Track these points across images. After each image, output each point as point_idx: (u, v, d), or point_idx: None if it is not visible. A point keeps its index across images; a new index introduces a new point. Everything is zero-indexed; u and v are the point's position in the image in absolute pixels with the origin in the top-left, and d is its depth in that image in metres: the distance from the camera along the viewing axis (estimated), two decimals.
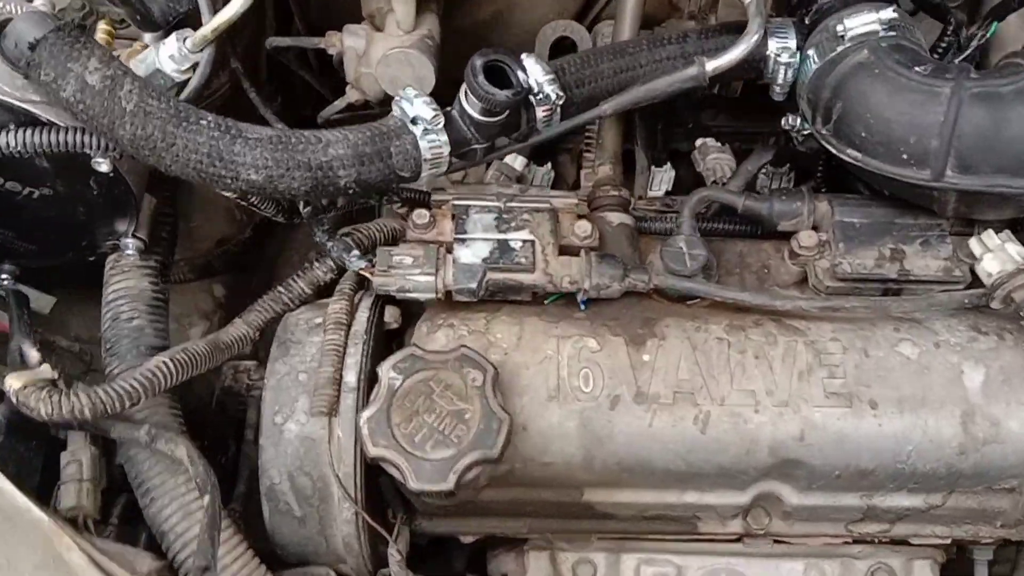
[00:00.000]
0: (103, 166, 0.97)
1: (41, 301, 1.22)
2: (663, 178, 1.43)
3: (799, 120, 1.17)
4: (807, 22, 1.14)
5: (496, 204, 1.13)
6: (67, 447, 1.10)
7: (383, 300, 1.15)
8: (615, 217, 1.19)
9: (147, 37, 1.07)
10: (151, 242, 1.16)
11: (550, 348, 1.09)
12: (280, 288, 1.21)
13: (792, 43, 1.13)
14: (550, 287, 1.10)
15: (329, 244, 1.12)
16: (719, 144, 1.35)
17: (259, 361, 1.43)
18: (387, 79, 1.17)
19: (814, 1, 1.15)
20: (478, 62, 0.97)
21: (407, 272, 1.09)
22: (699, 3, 1.39)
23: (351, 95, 1.23)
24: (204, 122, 0.90)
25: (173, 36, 0.95)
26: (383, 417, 0.98)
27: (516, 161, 1.38)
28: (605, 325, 1.10)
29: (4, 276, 1.18)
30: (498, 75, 0.99)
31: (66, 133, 0.92)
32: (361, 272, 1.11)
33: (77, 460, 1.07)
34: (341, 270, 1.21)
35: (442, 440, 0.98)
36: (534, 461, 1.06)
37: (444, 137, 0.98)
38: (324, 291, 1.23)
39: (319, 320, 1.18)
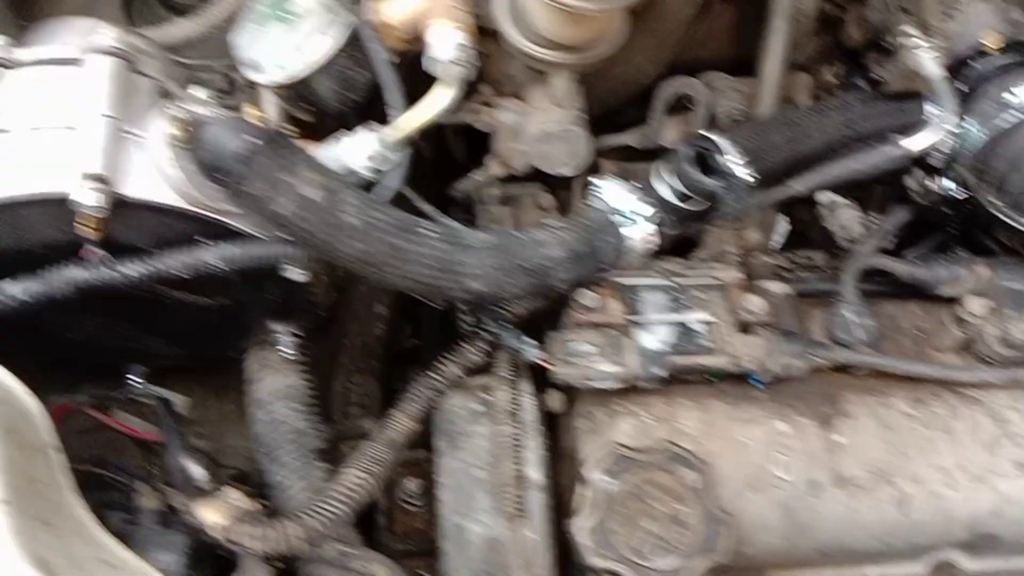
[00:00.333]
0: (298, 276, 0.90)
1: (178, 402, 1.12)
2: (778, 231, 1.41)
3: (953, 185, 1.16)
4: (966, 89, 1.14)
5: (665, 282, 1.10)
6: (238, 570, 1.02)
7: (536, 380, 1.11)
8: (775, 287, 1.16)
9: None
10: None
11: (741, 434, 1.05)
12: (432, 374, 1.14)
13: (954, 112, 1.12)
14: (733, 368, 1.06)
15: (502, 332, 1.06)
16: (847, 200, 1.33)
17: None
18: (541, 156, 1.12)
19: (966, 66, 1.15)
20: (690, 151, 0.93)
21: (590, 362, 1.04)
22: (806, 53, 1.37)
23: (494, 168, 1.16)
24: (428, 233, 0.83)
25: (368, 133, 0.88)
26: (602, 525, 0.94)
27: None
28: (790, 405, 1.08)
29: (138, 381, 1.08)
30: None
31: (269, 247, 0.85)
32: (538, 362, 1.06)
33: None
34: (490, 351, 1.17)
35: (666, 547, 0.93)
36: (735, 553, 1.03)
37: (650, 227, 0.94)
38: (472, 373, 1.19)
39: (478, 407, 1.12)
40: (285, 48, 0.92)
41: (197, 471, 0.99)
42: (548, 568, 1.02)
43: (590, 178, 0.95)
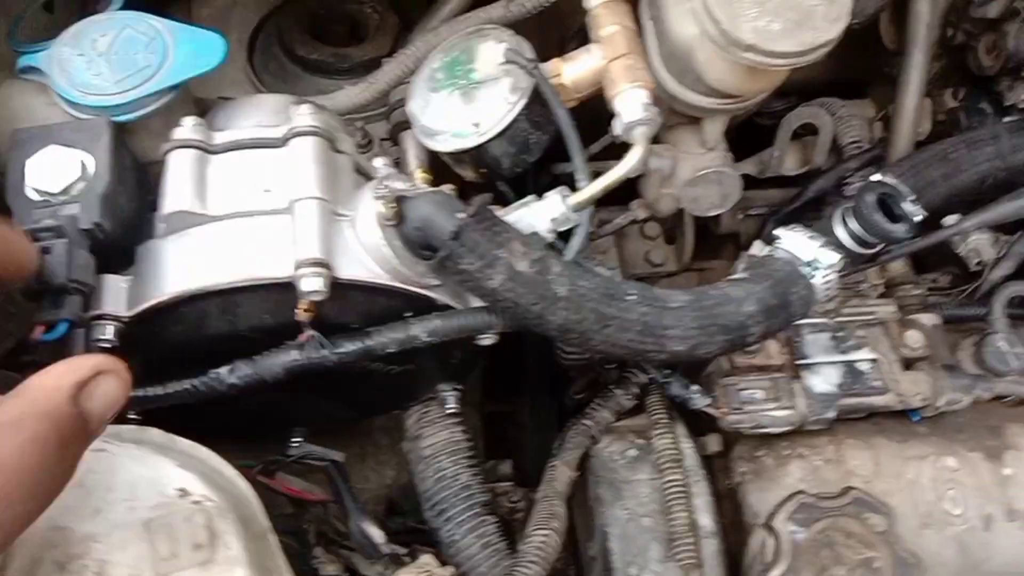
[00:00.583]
0: (488, 342, 0.90)
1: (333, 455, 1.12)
2: None
3: None
4: None
5: (826, 322, 1.10)
6: None
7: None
8: (927, 319, 1.15)
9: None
10: None
11: (910, 472, 1.06)
12: (585, 420, 1.15)
13: None
14: (900, 406, 1.06)
15: (669, 380, 1.06)
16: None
17: (513, 482, 1.39)
18: (690, 198, 1.12)
19: None
20: (871, 198, 0.93)
21: (760, 408, 1.04)
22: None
23: (638, 212, 1.17)
24: (631, 297, 0.83)
25: (556, 196, 0.88)
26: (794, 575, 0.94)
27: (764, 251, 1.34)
28: (956, 440, 1.08)
29: (297, 440, 1.08)
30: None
31: (473, 318, 0.84)
32: (707, 410, 1.06)
33: None
34: (640, 393, 1.17)
35: None
36: None
37: (832, 275, 0.94)
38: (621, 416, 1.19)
39: (632, 452, 1.13)
40: (463, 117, 0.92)
41: (376, 533, 0.99)
42: None
43: (774, 231, 0.94)
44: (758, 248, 1.32)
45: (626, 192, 1.22)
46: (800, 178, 1.38)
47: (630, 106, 0.88)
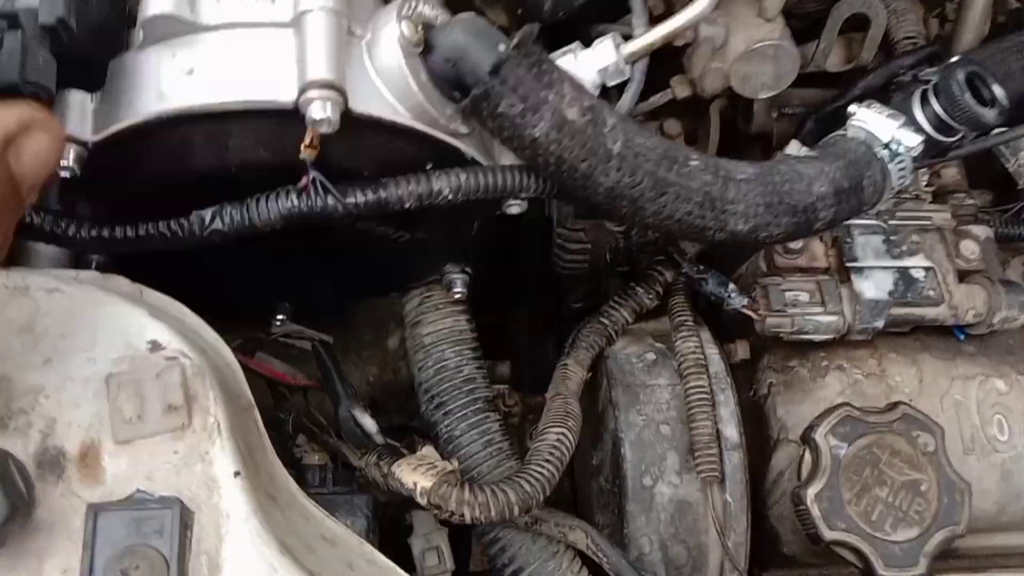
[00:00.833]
0: (514, 208, 0.77)
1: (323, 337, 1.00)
2: None
3: None
4: None
5: (877, 223, 0.99)
6: (415, 531, 0.92)
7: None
8: (980, 231, 1.05)
9: None
10: None
11: (956, 393, 0.97)
12: (602, 319, 1.04)
13: None
14: (951, 320, 0.97)
15: (702, 276, 0.95)
16: None
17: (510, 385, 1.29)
18: (741, 75, 0.99)
19: None
20: (961, 75, 0.81)
21: (804, 311, 0.94)
22: None
23: (679, 90, 1.03)
24: (694, 164, 0.71)
25: (608, 42, 0.75)
26: (834, 494, 0.85)
27: (801, 151, 1.23)
28: (1005, 362, 0.99)
29: (280, 317, 0.96)
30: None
31: (507, 176, 0.72)
32: (743, 311, 0.95)
33: (434, 547, 0.91)
34: (663, 293, 1.06)
35: (902, 518, 0.85)
36: None
37: (910, 163, 0.82)
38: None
39: (651, 355, 1.03)
40: None
41: (369, 422, 0.88)
42: (745, 533, 0.94)
43: (851, 107, 0.82)
44: (795, 149, 1.21)
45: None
46: (842, 76, 1.26)
47: None
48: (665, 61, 0.97)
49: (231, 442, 0.60)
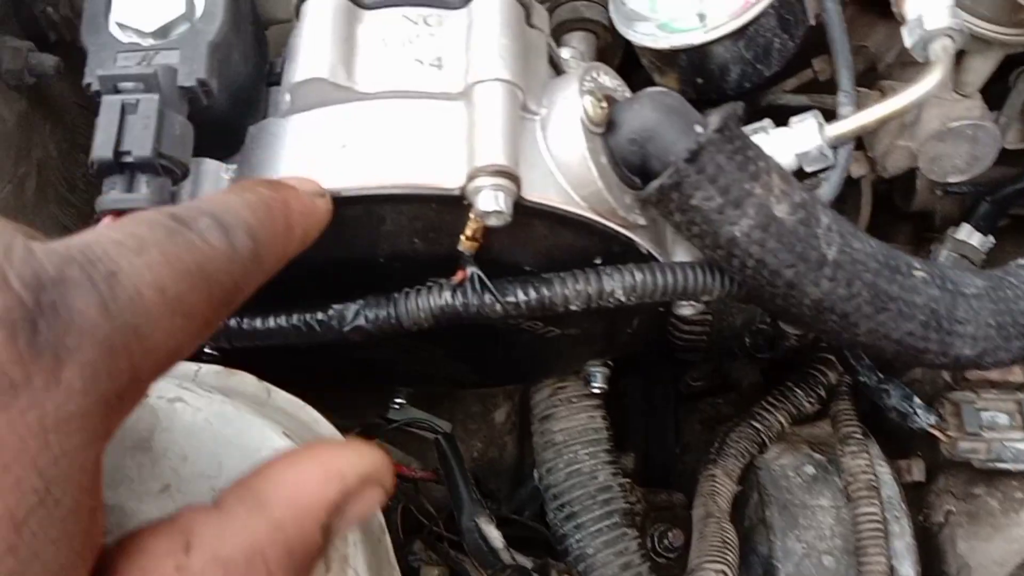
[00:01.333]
0: (686, 309, 0.67)
1: (440, 424, 0.91)
2: None
3: None
4: None
5: None
6: None
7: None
8: None
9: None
10: None
11: None
12: (754, 423, 0.92)
13: None
14: None
15: (884, 387, 0.83)
16: None
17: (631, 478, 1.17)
18: (931, 156, 0.87)
19: None
20: None
21: (1003, 436, 0.81)
22: None
23: (855, 169, 0.92)
24: (919, 274, 0.59)
25: (810, 122, 0.64)
26: None
27: (973, 237, 1.09)
28: None
29: (399, 400, 0.87)
30: None
31: (688, 276, 0.61)
32: (932, 431, 0.82)
33: None
34: (825, 398, 0.94)
35: None
36: None
37: None
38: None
39: (810, 469, 0.90)
40: (686, 2, 0.68)
41: (495, 535, 0.78)
42: None
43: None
44: (966, 234, 1.07)
45: None
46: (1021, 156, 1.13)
47: (931, 9, 0.63)
48: None
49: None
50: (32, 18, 0.66)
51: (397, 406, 0.86)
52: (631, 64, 0.84)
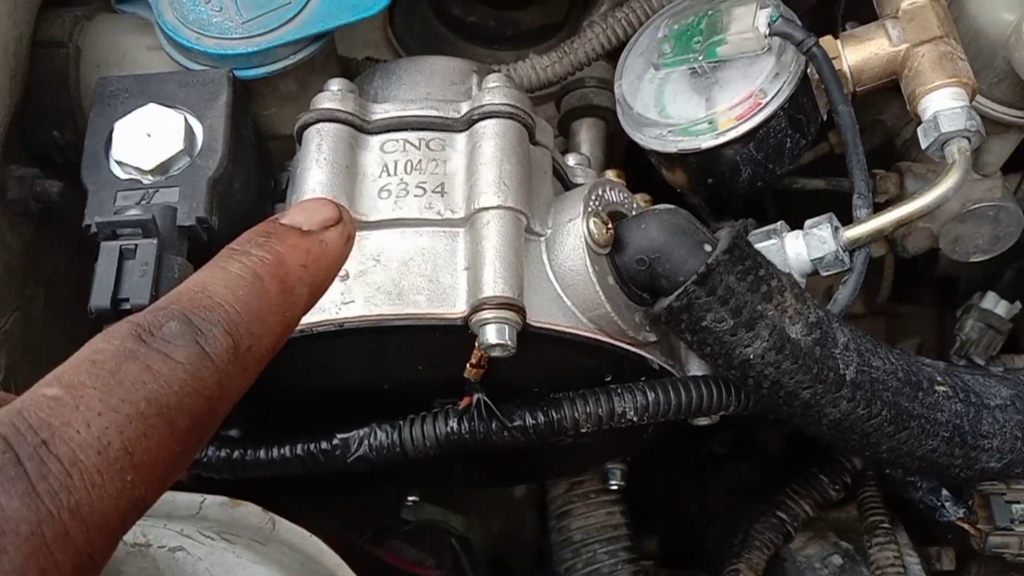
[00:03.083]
0: (703, 422, 0.65)
1: (453, 521, 0.90)
2: None
3: None
4: None
5: None
6: None
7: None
8: None
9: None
10: None
11: None
12: (779, 513, 0.89)
13: None
14: None
15: (911, 480, 0.80)
16: None
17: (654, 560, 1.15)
18: (952, 237, 0.85)
19: None
20: None
21: None
22: None
23: (875, 249, 0.90)
24: (941, 389, 0.57)
25: (825, 227, 0.63)
26: None
27: (999, 305, 1.07)
28: None
29: (412, 499, 0.86)
30: None
31: (702, 394, 0.59)
32: (960, 524, 0.80)
33: None
34: (850, 484, 0.91)
35: None
36: None
37: None
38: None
39: (837, 559, 0.87)
40: (695, 106, 0.67)
41: None
42: None
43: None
44: (992, 302, 1.05)
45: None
46: None
47: (947, 111, 0.62)
48: None
49: None
50: (39, 142, 0.66)
51: (411, 503, 0.85)
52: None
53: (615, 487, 0.83)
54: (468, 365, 0.55)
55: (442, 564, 0.89)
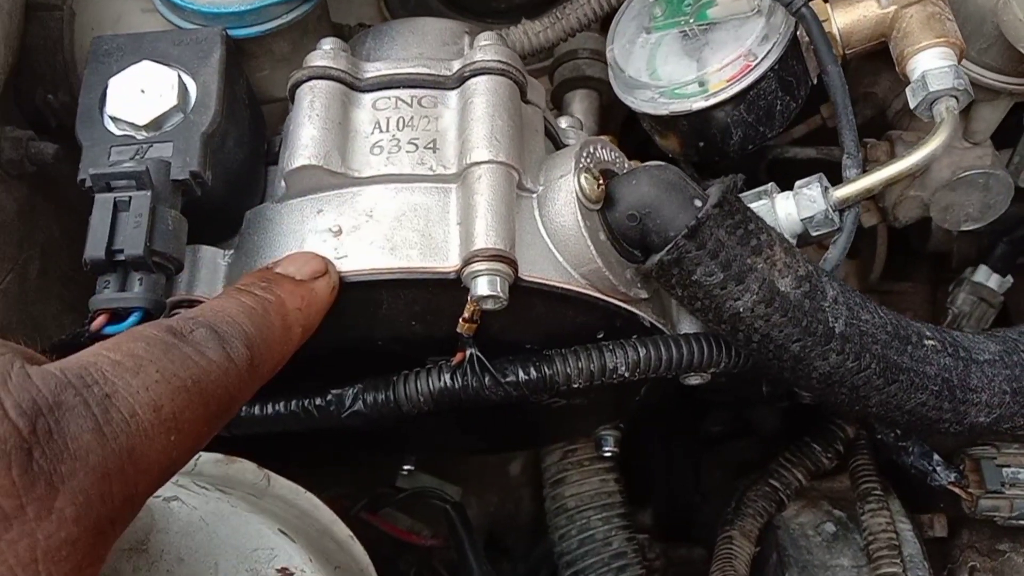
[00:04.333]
0: (694, 380, 0.65)
1: (449, 491, 0.90)
2: None
3: None
4: None
5: None
6: None
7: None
8: None
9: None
10: None
11: None
12: (772, 481, 0.90)
13: None
14: None
15: (903, 445, 0.81)
16: None
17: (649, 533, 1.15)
18: (943, 206, 0.86)
19: None
20: None
21: None
22: None
23: (866, 219, 0.91)
24: (929, 343, 0.58)
25: (815, 187, 0.63)
26: None
27: (991, 279, 1.07)
28: None
29: (407, 467, 0.86)
30: None
31: (693, 350, 0.60)
32: (951, 488, 0.80)
33: None
34: (843, 452, 0.92)
35: None
36: None
37: None
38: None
39: (830, 527, 0.88)
40: (686, 69, 0.67)
41: None
42: None
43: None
44: (984, 276, 1.05)
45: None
46: None
47: (935, 70, 0.62)
48: None
49: None
50: (33, 105, 0.66)
51: (406, 472, 0.85)
52: (636, 118, 0.84)
53: (608, 454, 0.83)
54: (461, 320, 0.56)
55: (437, 533, 0.90)
